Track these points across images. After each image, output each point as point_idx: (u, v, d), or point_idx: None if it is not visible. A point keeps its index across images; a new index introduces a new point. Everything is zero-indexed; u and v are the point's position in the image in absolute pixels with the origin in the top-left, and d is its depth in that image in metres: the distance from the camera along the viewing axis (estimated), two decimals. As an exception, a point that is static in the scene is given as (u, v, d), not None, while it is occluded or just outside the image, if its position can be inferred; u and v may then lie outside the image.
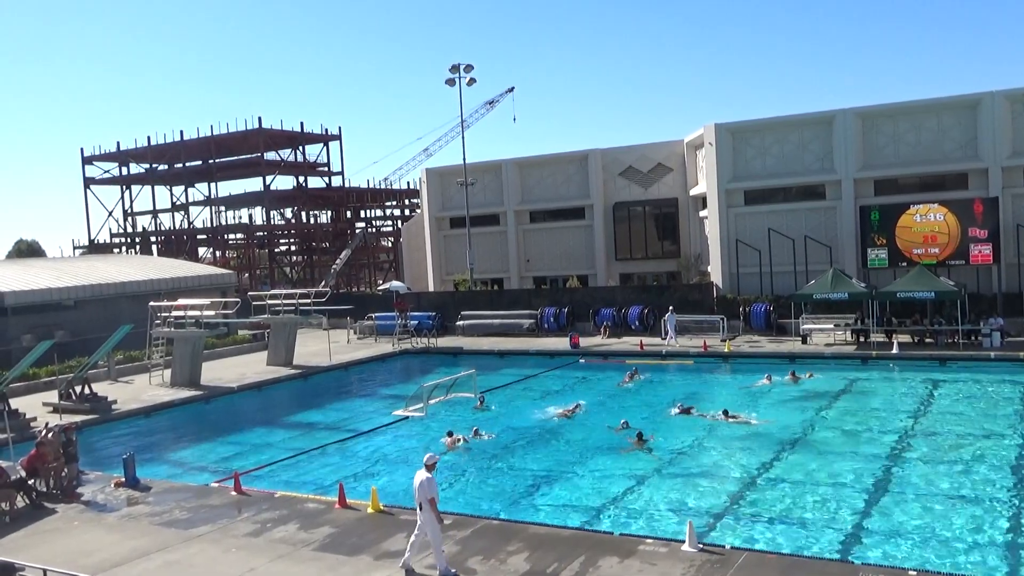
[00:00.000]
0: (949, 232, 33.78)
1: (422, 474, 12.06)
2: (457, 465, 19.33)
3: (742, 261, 39.77)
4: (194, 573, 12.60)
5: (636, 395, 26.78)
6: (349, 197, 78.16)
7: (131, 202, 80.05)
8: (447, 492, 17.33)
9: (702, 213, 44.34)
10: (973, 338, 31.04)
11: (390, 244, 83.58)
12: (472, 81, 46.85)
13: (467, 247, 48.45)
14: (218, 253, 76.19)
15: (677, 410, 23.33)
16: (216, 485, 17.79)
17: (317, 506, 15.50)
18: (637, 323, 38.83)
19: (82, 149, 76.82)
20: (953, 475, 16.81)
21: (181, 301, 33.22)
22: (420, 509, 12.00)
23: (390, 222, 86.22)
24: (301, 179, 76.78)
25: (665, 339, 35.66)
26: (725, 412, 22.52)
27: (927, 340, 32.24)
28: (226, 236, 77.12)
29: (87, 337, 35.06)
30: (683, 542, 12.47)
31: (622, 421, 21.69)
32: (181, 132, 71.49)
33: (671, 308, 36.38)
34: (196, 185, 79.28)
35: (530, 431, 22.25)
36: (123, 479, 17.71)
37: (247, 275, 74.29)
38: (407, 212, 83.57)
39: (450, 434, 21.28)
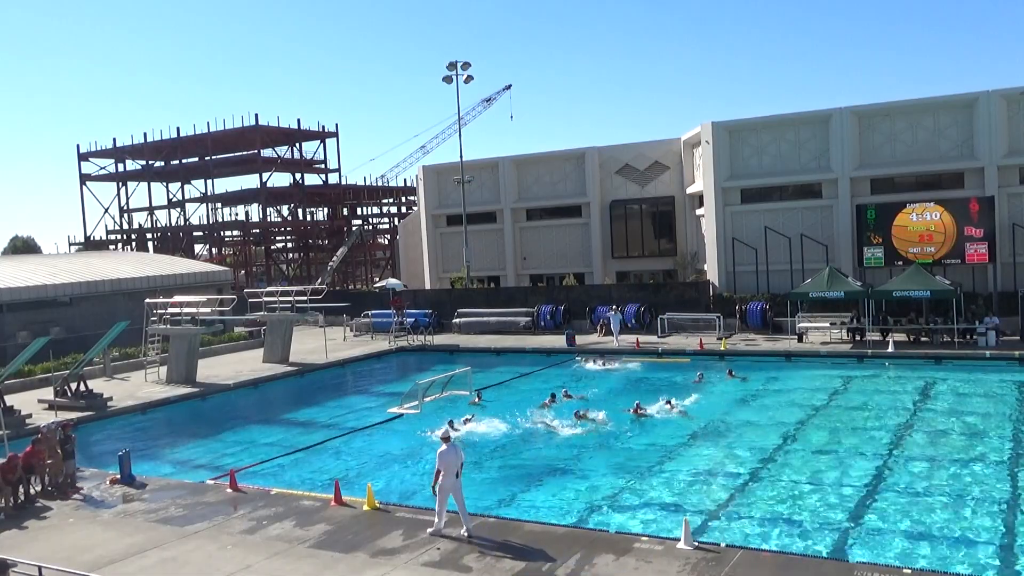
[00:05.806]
0: (945, 231, 33.84)
1: (450, 446, 13.39)
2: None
3: (738, 259, 39.82)
4: (190, 570, 12.60)
5: (630, 389, 26.77)
6: (346, 194, 78.08)
7: (127, 199, 79.98)
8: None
9: (699, 211, 44.38)
10: (968, 337, 31.10)
11: (387, 241, 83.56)
12: (469, 79, 46.93)
13: (464, 245, 48.46)
14: (214, 250, 76.10)
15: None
16: (212, 482, 17.79)
17: (313, 503, 15.51)
18: (633, 321, 38.87)
19: (78, 145, 76.67)
20: (948, 473, 16.84)
21: (177, 298, 33.24)
22: (457, 476, 13.32)
23: (387, 219, 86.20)
24: (298, 176, 76.63)
25: (604, 335, 36.60)
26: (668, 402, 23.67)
27: (923, 339, 32.33)
28: (222, 233, 76.99)
29: (83, 334, 35.04)
30: (678, 540, 12.50)
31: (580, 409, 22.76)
32: (178, 129, 71.48)
33: (615, 307, 36.92)
34: (192, 182, 79.23)
35: (524, 429, 22.22)
36: (119, 476, 17.70)
37: (243, 272, 74.20)
38: (404, 209, 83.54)
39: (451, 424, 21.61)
